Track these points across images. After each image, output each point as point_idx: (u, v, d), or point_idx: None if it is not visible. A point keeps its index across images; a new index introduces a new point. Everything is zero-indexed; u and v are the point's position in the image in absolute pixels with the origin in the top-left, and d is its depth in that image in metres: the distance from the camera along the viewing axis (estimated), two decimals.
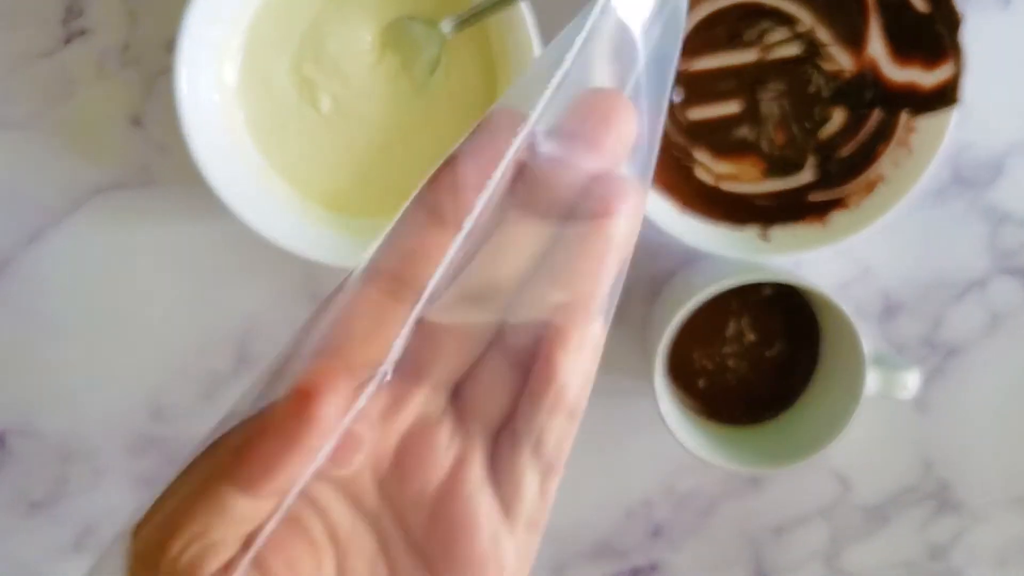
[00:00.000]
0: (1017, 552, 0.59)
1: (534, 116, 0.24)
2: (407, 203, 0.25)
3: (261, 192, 0.49)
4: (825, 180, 0.52)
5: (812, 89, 0.52)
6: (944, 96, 0.48)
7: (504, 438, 0.25)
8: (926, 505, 0.58)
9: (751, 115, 0.52)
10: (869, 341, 0.48)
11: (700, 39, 0.51)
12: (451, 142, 0.54)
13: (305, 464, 0.24)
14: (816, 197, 0.51)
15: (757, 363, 0.54)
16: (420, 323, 0.24)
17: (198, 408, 0.55)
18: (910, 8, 0.48)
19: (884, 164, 0.50)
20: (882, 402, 0.49)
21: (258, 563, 0.24)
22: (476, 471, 0.25)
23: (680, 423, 0.50)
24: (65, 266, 0.54)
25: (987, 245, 0.55)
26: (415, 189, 0.51)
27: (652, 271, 0.55)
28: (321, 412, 0.24)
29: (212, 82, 0.48)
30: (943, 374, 0.56)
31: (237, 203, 0.47)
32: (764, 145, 0.52)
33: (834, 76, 0.51)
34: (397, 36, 0.49)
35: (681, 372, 0.54)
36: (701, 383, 0.54)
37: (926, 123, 0.48)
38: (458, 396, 0.26)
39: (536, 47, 0.46)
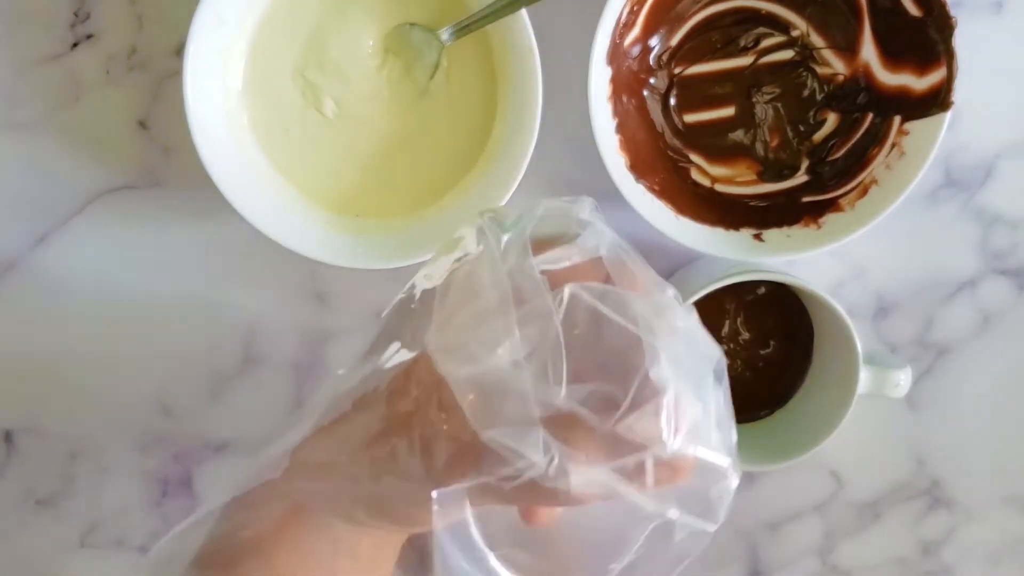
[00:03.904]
0: (1009, 549, 0.59)
1: None
2: None
3: (265, 194, 0.50)
4: (819, 183, 0.52)
5: (806, 93, 0.52)
6: (936, 100, 0.48)
7: None
8: (918, 502, 0.58)
9: (746, 119, 0.52)
10: (862, 340, 0.49)
11: (696, 44, 0.52)
12: (451, 145, 0.55)
13: None
14: (810, 199, 0.52)
15: (752, 361, 0.55)
16: None
17: (204, 406, 0.56)
18: (903, 13, 0.49)
19: (877, 167, 0.50)
20: (875, 400, 0.50)
21: None
22: None
23: None
24: (72, 267, 0.54)
25: (978, 246, 0.55)
26: (415, 190, 0.52)
27: None
28: None
29: (218, 86, 0.48)
30: (935, 373, 0.57)
31: (242, 204, 0.47)
32: (759, 148, 0.53)
33: (828, 80, 0.52)
34: (398, 41, 0.50)
35: None
36: None
37: (919, 126, 0.49)
38: None
39: (536, 53, 0.46)
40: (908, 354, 0.56)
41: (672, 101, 0.52)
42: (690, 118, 0.52)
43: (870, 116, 0.51)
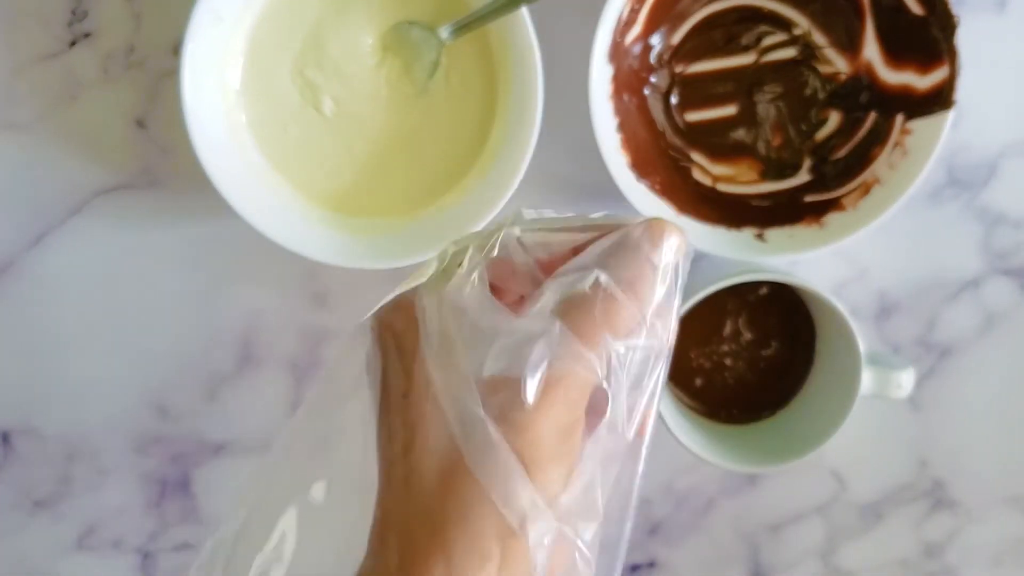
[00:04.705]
0: (1012, 550, 0.59)
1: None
2: None
3: (263, 193, 0.50)
4: (821, 182, 0.52)
5: (808, 92, 0.52)
6: (939, 99, 0.48)
7: None
8: (921, 503, 0.58)
9: (748, 117, 0.52)
10: (864, 341, 0.48)
11: (698, 42, 0.51)
12: (451, 144, 0.54)
13: None
14: (812, 199, 0.51)
15: (754, 362, 0.54)
16: None
17: (201, 407, 0.56)
18: (905, 11, 0.48)
19: (880, 166, 0.50)
20: (877, 401, 0.50)
21: None
22: None
23: (678, 422, 0.50)
24: (69, 266, 0.54)
25: (981, 246, 0.55)
26: (415, 189, 0.52)
27: None
28: None
29: (216, 85, 0.48)
30: (938, 374, 0.57)
31: (240, 203, 0.47)
32: (761, 147, 0.52)
33: (830, 79, 0.52)
34: (397, 40, 0.49)
35: (679, 371, 0.54)
36: (699, 382, 0.54)
37: (921, 125, 0.49)
38: None
39: (537, 51, 0.46)
40: (911, 355, 0.56)
41: (673, 100, 0.52)
42: (691, 117, 0.52)
43: (872, 115, 0.51)
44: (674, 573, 0.59)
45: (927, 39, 0.48)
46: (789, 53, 0.51)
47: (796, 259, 0.53)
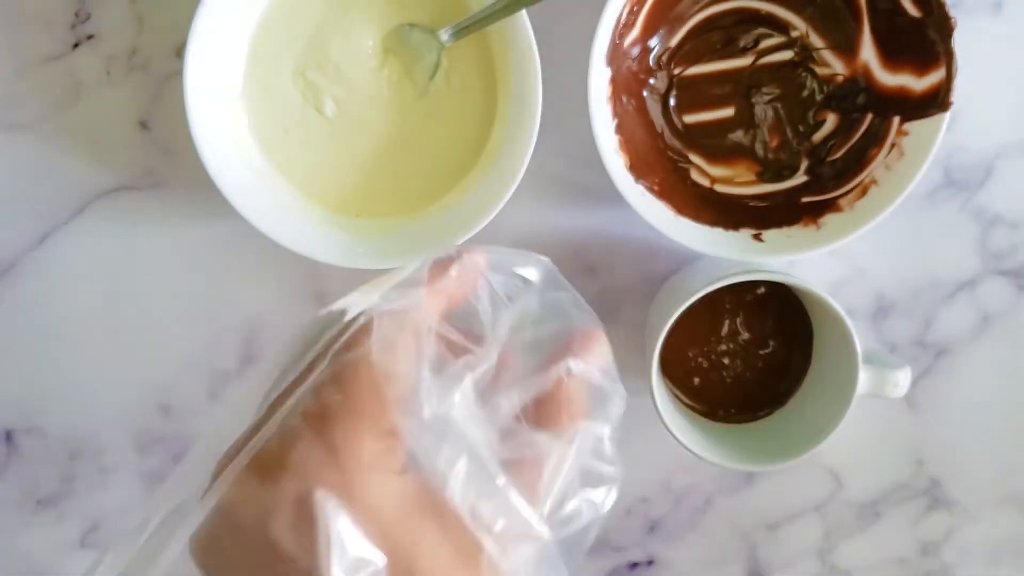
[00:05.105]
0: (1008, 549, 0.59)
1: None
2: None
3: (265, 194, 0.50)
4: (818, 183, 0.52)
5: (805, 93, 0.52)
6: (935, 100, 0.48)
7: None
8: (918, 502, 0.58)
9: (745, 119, 0.52)
10: (861, 340, 0.48)
11: (696, 44, 0.52)
12: (451, 145, 0.55)
13: None
14: (809, 200, 0.52)
15: (751, 362, 0.55)
16: None
17: (204, 406, 0.56)
18: (902, 14, 0.49)
19: (876, 167, 0.50)
20: (874, 400, 0.50)
21: None
22: None
23: (676, 421, 0.50)
24: (72, 267, 0.54)
25: (978, 246, 0.55)
26: (415, 190, 0.52)
27: (649, 272, 0.55)
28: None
29: (218, 86, 0.49)
30: (934, 373, 0.57)
31: (242, 204, 0.47)
32: (758, 149, 0.53)
33: (827, 81, 0.52)
34: (398, 42, 0.50)
35: (677, 371, 0.54)
36: (696, 381, 0.55)
37: (918, 127, 0.49)
38: None
39: (536, 53, 0.46)
40: (907, 354, 0.56)
41: (672, 102, 0.52)
42: (690, 119, 0.52)
43: (869, 116, 0.51)
44: (672, 571, 0.59)
45: (924, 41, 0.48)
46: (787, 55, 0.52)
47: (793, 259, 0.54)
